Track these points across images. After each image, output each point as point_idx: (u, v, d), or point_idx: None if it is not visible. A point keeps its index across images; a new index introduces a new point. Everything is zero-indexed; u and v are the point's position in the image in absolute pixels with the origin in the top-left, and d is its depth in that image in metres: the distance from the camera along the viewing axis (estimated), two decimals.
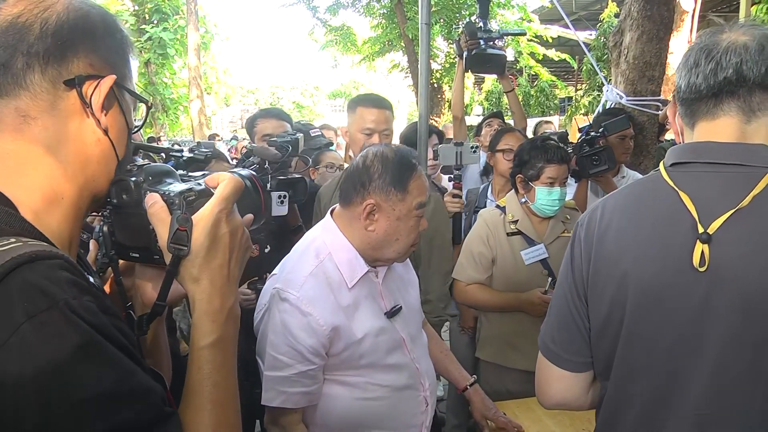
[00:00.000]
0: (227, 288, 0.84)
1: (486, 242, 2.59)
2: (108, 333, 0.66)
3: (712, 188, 1.06)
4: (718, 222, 1.02)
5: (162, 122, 20.09)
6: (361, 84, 29.78)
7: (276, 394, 1.53)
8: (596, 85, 14.29)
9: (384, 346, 1.62)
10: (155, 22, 19.14)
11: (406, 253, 1.68)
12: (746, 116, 1.06)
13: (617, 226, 1.16)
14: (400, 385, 1.65)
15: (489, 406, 1.98)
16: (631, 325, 1.11)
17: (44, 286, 0.63)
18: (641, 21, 3.71)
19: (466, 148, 2.99)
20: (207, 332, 0.81)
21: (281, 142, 2.10)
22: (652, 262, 1.08)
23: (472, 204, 3.34)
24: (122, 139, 0.85)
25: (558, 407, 1.38)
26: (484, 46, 3.45)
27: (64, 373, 0.61)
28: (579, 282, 1.22)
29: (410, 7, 12.48)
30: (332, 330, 1.53)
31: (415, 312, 1.81)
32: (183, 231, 0.79)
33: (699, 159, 1.09)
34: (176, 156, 1.99)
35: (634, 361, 1.13)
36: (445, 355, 2.05)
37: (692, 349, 1.04)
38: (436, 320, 2.41)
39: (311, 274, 1.58)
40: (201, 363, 0.80)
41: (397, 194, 1.59)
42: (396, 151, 1.65)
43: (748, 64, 1.02)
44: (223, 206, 0.82)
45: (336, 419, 1.60)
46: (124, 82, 0.84)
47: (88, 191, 0.81)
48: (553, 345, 1.28)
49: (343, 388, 1.60)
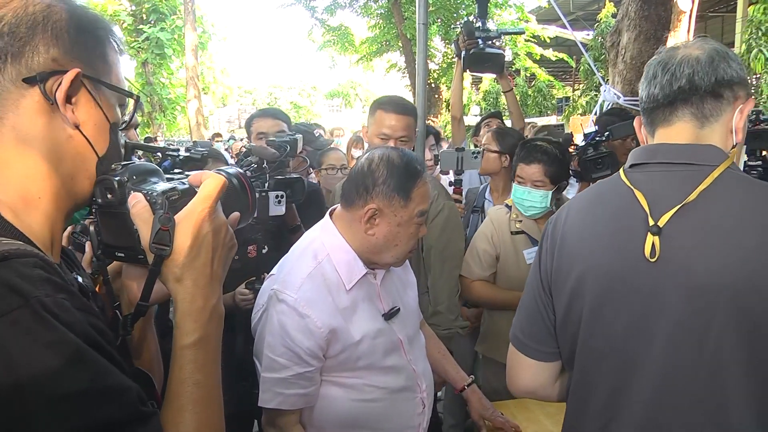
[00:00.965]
0: (210, 287, 0.83)
1: (490, 240, 2.62)
2: (82, 331, 0.65)
3: (663, 185, 1.15)
4: (667, 216, 1.10)
5: (159, 122, 20.06)
6: (358, 84, 29.76)
7: (273, 395, 1.52)
8: (594, 85, 14.34)
9: (381, 348, 1.62)
10: (152, 22, 19.10)
11: (404, 259, 1.68)
12: (699, 122, 1.16)
13: (578, 224, 1.26)
14: (397, 387, 1.64)
15: (486, 405, 1.98)
16: (590, 315, 1.19)
17: (16, 283, 0.62)
18: (638, 21, 3.72)
19: (467, 153, 2.99)
20: (189, 331, 0.80)
21: (279, 141, 2.10)
22: (608, 255, 1.17)
23: (471, 203, 3.35)
24: (101, 134, 0.82)
25: (527, 395, 1.46)
26: (482, 45, 3.43)
27: (36, 371, 0.60)
28: (545, 276, 1.32)
29: (407, 7, 12.50)
30: (330, 332, 1.52)
31: (412, 313, 1.81)
32: (165, 231, 0.78)
33: (653, 159, 1.19)
34: (173, 155, 1.99)
35: (594, 350, 1.20)
36: (443, 355, 2.05)
37: (645, 337, 1.12)
38: (445, 333, 2.34)
39: (309, 275, 1.57)
40: (183, 362, 0.79)
41: (400, 201, 1.58)
42: (402, 155, 1.63)
43: (700, 74, 1.13)
44: (206, 205, 0.81)
45: (333, 421, 1.60)
46: (100, 76, 0.82)
47: (66, 190, 0.80)
48: (521, 335, 1.37)
49: (340, 390, 1.60)
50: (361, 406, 1.60)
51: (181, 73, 19.37)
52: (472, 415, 1.99)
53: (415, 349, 1.75)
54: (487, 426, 1.97)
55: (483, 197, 3.32)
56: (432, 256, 2.42)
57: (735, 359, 1.04)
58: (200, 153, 2.11)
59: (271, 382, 1.53)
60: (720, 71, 1.13)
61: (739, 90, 1.15)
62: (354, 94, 29.86)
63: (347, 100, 29.95)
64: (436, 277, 2.43)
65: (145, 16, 19.27)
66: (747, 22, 10.83)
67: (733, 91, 1.15)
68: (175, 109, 20.77)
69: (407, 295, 1.81)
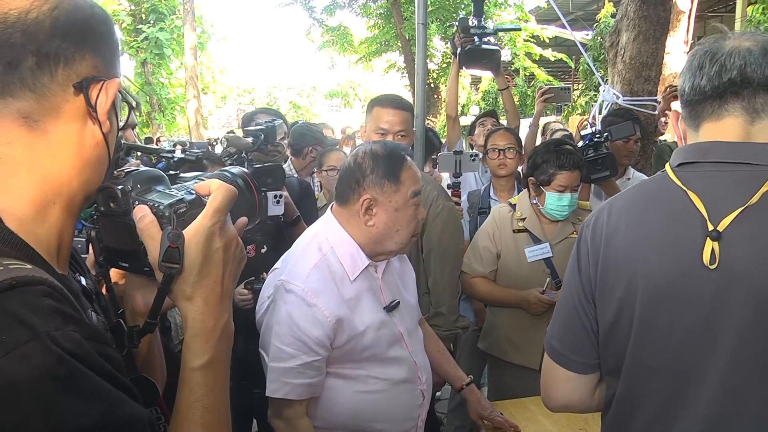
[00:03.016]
0: (221, 305, 0.80)
1: (491, 238, 2.64)
2: (93, 363, 0.63)
3: (719, 187, 1.07)
4: (727, 219, 1.03)
5: (159, 122, 20.04)
6: (357, 84, 29.72)
7: (280, 385, 1.54)
8: (593, 85, 14.34)
9: (385, 339, 1.65)
10: (152, 22, 19.06)
11: (408, 243, 1.70)
12: (750, 117, 1.07)
13: (625, 227, 1.16)
14: (399, 379, 1.67)
15: (485, 405, 1.99)
16: (641, 324, 1.11)
17: (24, 316, 0.60)
18: (638, 21, 3.71)
19: (465, 156, 3.00)
20: (200, 353, 0.77)
21: (254, 130, 2.09)
22: (661, 262, 1.08)
23: (475, 206, 3.36)
24: (114, 140, 0.82)
25: (563, 410, 1.36)
26: (478, 42, 3.42)
27: (48, 407, 0.58)
28: (586, 283, 1.22)
29: (407, 7, 12.49)
30: (336, 321, 1.55)
31: (411, 308, 1.84)
32: (174, 248, 0.75)
33: (705, 159, 1.10)
34: (167, 157, 1.99)
35: (646, 361, 1.12)
36: (442, 354, 2.06)
37: (705, 348, 1.04)
38: (446, 334, 2.36)
39: (315, 266, 1.60)
40: (193, 385, 0.77)
41: (391, 186, 1.62)
42: (384, 145, 1.69)
43: (752, 66, 1.05)
44: (216, 219, 0.79)
45: (336, 412, 1.62)
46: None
47: (81, 194, 0.78)
48: (559, 346, 1.27)
49: (343, 381, 1.62)
50: (365, 398, 1.62)
51: (180, 73, 19.34)
52: (471, 415, 2.00)
53: (415, 342, 1.78)
54: (486, 426, 1.97)
55: (488, 198, 3.32)
56: (432, 258, 2.42)
57: None
58: (195, 155, 2.10)
59: (278, 371, 1.55)
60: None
61: None
62: (353, 94, 29.82)
63: (346, 100, 29.91)
64: (437, 279, 2.43)
65: (144, 16, 19.24)
66: (746, 23, 10.84)
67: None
68: (175, 109, 20.74)
69: (406, 291, 1.83)
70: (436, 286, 2.43)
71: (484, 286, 2.65)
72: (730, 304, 1.02)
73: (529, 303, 2.47)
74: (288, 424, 1.57)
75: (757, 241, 1.01)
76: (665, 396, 1.10)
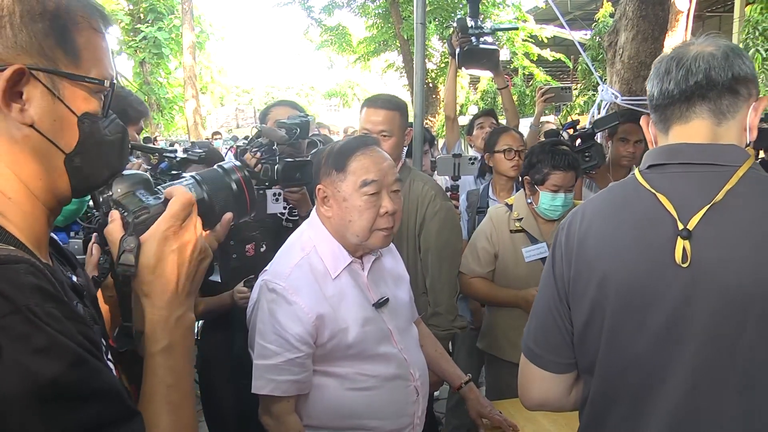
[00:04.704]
0: (176, 300, 0.85)
1: (489, 238, 2.64)
2: (71, 336, 0.67)
3: (687, 187, 1.11)
4: (696, 218, 1.07)
5: (157, 122, 20.02)
6: (356, 84, 29.73)
7: (265, 382, 1.56)
8: (591, 84, 14.33)
9: (371, 336, 1.65)
10: (150, 22, 19.05)
11: (368, 236, 1.64)
12: (717, 118, 1.12)
13: (597, 230, 1.20)
14: (389, 375, 1.66)
15: (484, 404, 1.99)
16: (613, 324, 1.15)
17: (6, 290, 0.63)
18: (636, 21, 3.72)
19: (464, 160, 3.00)
20: (158, 339, 0.84)
21: (290, 123, 2.08)
22: (632, 263, 1.12)
23: (474, 206, 3.35)
24: (65, 129, 0.78)
25: (539, 408, 1.41)
26: (475, 42, 3.42)
27: (29, 371, 0.61)
28: (560, 285, 1.26)
29: (405, 7, 12.49)
30: (317, 318, 1.56)
31: (404, 306, 1.83)
32: (129, 252, 0.82)
33: (673, 160, 1.15)
34: (169, 157, 1.98)
35: (617, 360, 1.16)
36: (440, 354, 2.06)
37: (672, 345, 1.08)
38: (444, 334, 2.35)
39: (297, 265, 1.63)
40: (155, 367, 0.83)
41: (338, 175, 1.62)
42: (346, 141, 1.70)
43: (716, 69, 1.10)
44: (170, 224, 0.84)
45: (328, 410, 1.63)
46: (60, 66, 0.76)
47: (40, 188, 0.78)
48: (535, 346, 1.31)
49: (332, 379, 1.63)
50: (355, 395, 1.63)
51: (178, 73, 19.34)
52: (470, 414, 1.99)
53: (407, 340, 1.77)
54: (485, 425, 1.97)
55: (487, 198, 3.31)
56: (430, 257, 2.41)
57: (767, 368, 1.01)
58: (198, 154, 2.10)
59: (263, 368, 1.57)
60: (735, 67, 1.11)
61: (752, 87, 1.13)
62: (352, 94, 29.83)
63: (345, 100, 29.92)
64: (435, 278, 2.42)
65: (142, 16, 19.22)
66: (744, 22, 10.85)
67: (748, 88, 1.12)
68: (173, 109, 20.72)
69: (398, 288, 1.83)
70: (433, 286, 2.42)
71: (482, 286, 2.65)
72: (697, 301, 1.05)
73: (527, 302, 2.47)
74: (276, 420, 1.59)
75: (722, 238, 1.05)
76: (635, 394, 1.14)
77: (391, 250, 1.90)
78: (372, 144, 1.67)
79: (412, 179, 2.45)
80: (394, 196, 1.66)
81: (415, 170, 2.67)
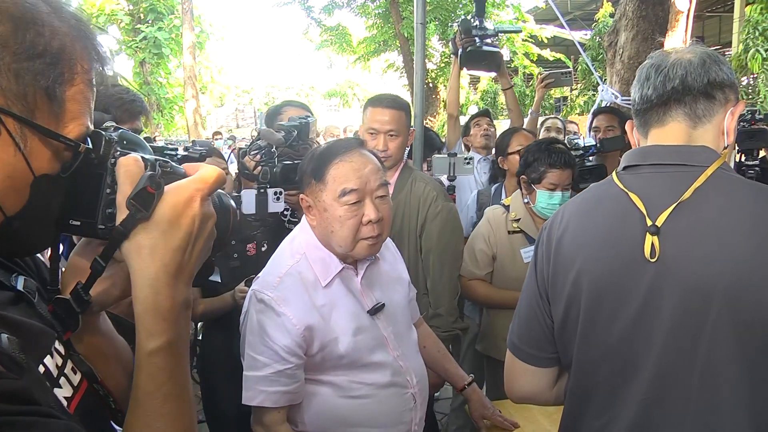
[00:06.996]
0: (179, 277, 0.70)
1: (487, 240, 2.63)
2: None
3: (657, 186, 1.16)
4: (664, 215, 1.11)
5: (157, 122, 20.02)
6: (356, 84, 29.74)
7: (255, 393, 1.54)
8: (591, 84, 14.36)
9: (365, 344, 1.60)
10: (150, 22, 19.06)
11: (352, 246, 1.58)
12: (692, 122, 1.18)
13: (573, 228, 1.26)
14: (384, 383, 1.62)
15: (486, 405, 1.98)
16: (586, 319, 1.20)
17: None
18: (636, 21, 3.73)
19: (459, 160, 2.98)
20: (158, 332, 0.68)
21: (287, 126, 2.07)
22: (605, 259, 1.18)
23: (484, 206, 3.29)
24: (16, 189, 0.65)
25: (525, 401, 1.47)
26: (479, 43, 3.41)
27: None
28: (541, 282, 1.32)
29: (405, 7, 12.50)
30: (306, 329, 1.53)
31: (401, 309, 1.78)
32: (151, 192, 0.67)
33: (645, 161, 1.20)
34: (171, 154, 1.98)
35: (592, 352, 1.21)
36: (443, 355, 2.04)
37: (642, 338, 1.13)
38: (445, 335, 2.31)
39: (286, 274, 1.59)
40: (152, 370, 0.68)
41: (317, 185, 1.57)
42: (330, 144, 1.64)
43: (692, 75, 1.16)
44: (201, 186, 0.71)
45: (323, 418, 1.60)
46: (35, 115, 0.64)
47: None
48: (518, 341, 1.37)
49: (326, 388, 1.60)
50: (351, 404, 1.60)
51: (178, 73, 19.34)
52: (473, 415, 1.99)
53: (405, 345, 1.72)
54: (486, 425, 1.97)
55: (499, 198, 3.27)
56: (431, 258, 2.40)
57: (727, 360, 1.05)
58: (198, 152, 2.10)
59: (253, 380, 1.55)
60: (712, 73, 1.16)
61: (730, 93, 1.18)
62: (352, 94, 29.85)
63: (345, 100, 29.94)
64: (436, 279, 2.40)
65: (142, 16, 19.23)
66: (744, 22, 10.86)
67: (725, 93, 1.17)
68: (173, 109, 20.74)
69: (395, 291, 1.77)
70: (434, 287, 2.40)
71: (481, 288, 2.64)
72: (664, 294, 1.10)
73: None
74: (268, 430, 1.57)
75: (688, 234, 1.10)
76: (612, 385, 1.18)
77: (390, 248, 1.85)
78: (354, 147, 1.60)
79: (413, 180, 2.44)
80: (379, 203, 1.58)
81: (417, 171, 2.67)
